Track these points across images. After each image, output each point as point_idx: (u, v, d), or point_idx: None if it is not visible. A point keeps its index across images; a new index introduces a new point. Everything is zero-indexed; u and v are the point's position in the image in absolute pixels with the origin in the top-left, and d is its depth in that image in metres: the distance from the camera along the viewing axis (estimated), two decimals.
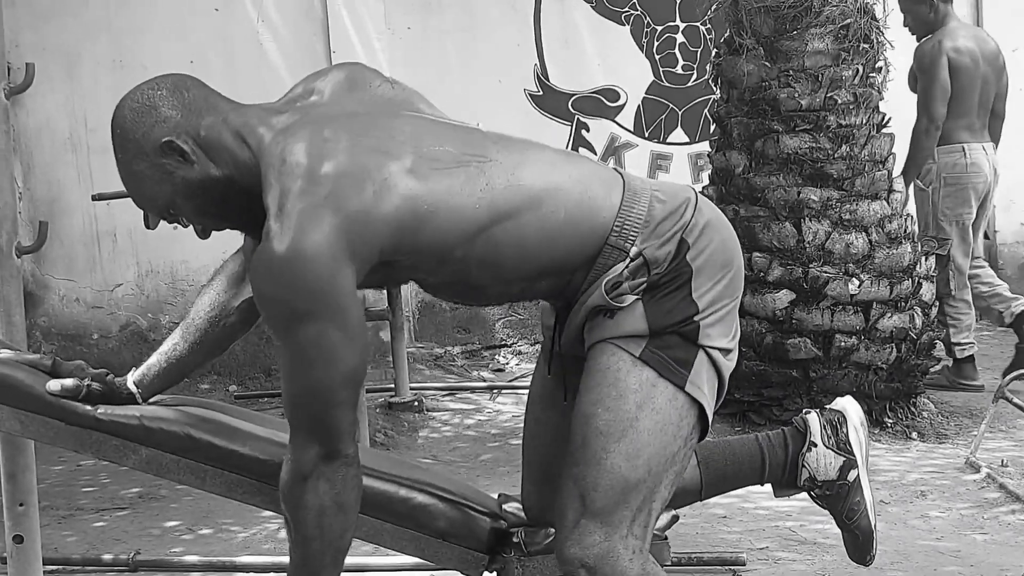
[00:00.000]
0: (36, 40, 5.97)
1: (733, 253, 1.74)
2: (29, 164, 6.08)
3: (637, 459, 1.64)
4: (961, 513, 3.41)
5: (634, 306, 1.66)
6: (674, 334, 1.66)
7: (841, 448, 2.05)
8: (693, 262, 1.67)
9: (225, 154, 1.65)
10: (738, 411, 4.44)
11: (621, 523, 1.65)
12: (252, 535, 3.41)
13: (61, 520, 3.67)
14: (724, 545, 3.17)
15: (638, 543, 1.66)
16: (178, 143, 1.63)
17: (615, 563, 1.64)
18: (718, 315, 1.69)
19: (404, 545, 1.87)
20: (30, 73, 2.25)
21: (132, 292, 6.16)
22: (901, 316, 4.40)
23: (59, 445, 1.83)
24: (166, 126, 1.64)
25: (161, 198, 1.67)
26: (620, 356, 1.66)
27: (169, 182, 1.65)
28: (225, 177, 1.65)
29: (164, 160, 1.64)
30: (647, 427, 1.64)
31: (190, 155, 1.64)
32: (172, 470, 1.81)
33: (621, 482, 1.64)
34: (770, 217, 4.48)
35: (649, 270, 1.65)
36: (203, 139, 1.64)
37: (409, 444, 4.55)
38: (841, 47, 4.51)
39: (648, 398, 1.64)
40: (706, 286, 1.68)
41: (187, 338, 1.86)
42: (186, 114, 1.65)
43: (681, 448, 1.68)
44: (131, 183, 1.69)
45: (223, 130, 1.65)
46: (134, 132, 1.65)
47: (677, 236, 1.67)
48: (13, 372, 1.79)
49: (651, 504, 1.67)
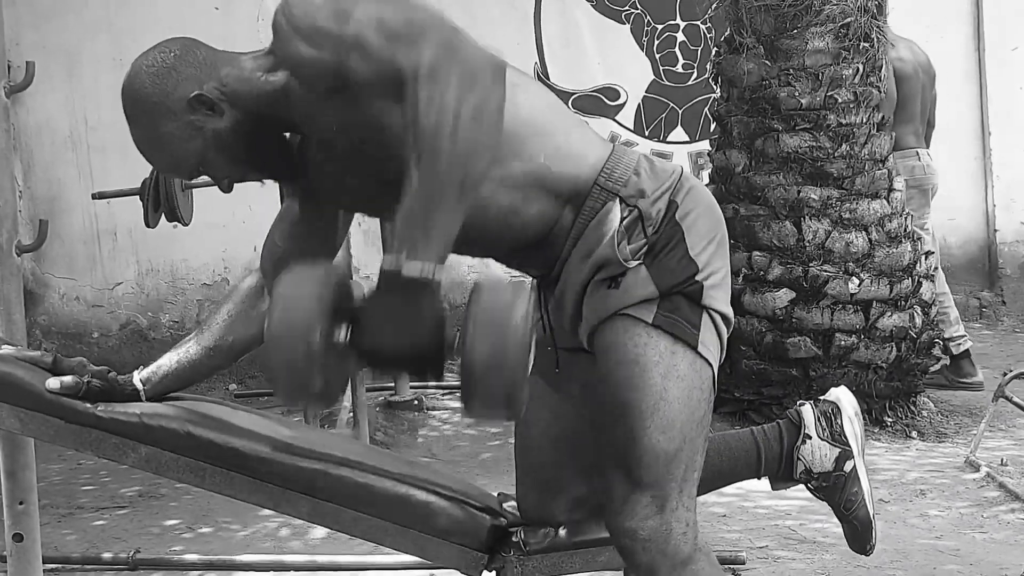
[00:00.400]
0: (36, 38, 5.97)
1: (718, 217, 1.74)
2: (29, 162, 6.08)
3: (672, 430, 1.65)
4: (961, 512, 3.42)
5: (637, 271, 1.66)
6: (679, 295, 1.66)
7: (836, 439, 2.06)
8: (683, 221, 1.67)
9: (247, 93, 1.66)
10: (738, 410, 4.44)
11: (670, 496, 1.66)
12: (252, 533, 3.41)
13: (61, 518, 3.67)
14: (724, 544, 3.17)
15: (689, 515, 1.68)
16: (206, 95, 1.65)
17: (668, 536, 1.65)
18: (716, 278, 1.69)
19: (403, 544, 1.87)
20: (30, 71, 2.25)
21: (132, 291, 6.16)
22: (901, 315, 4.40)
23: (59, 443, 1.83)
24: (189, 83, 1.65)
25: (192, 156, 1.68)
26: (634, 329, 1.65)
27: (200, 137, 1.66)
28: (251, 116, 1.66)
29: (193, 116, 1.65)
30: (676, 396, 1.65)
31: (219, 105, 1.65)
32: (172, 468, 1.81)
33: (662, 455, 1.65)
34: (770, 216, 4.48)
35: (645, 229, 1.65)
36: (226, 87, 1.66)
37: (409, 443, 4.55)
38: (841, 46, 4.51)
39: (671, 367, 1.65)
40: (700, 245, 1.68)
41: (201, 343, 1.86)
42: (204, 68, 1.67)
43: (707, 411, 1.70)
44: (158, 148, 1.69)
45: (240, 72, 1.67)
46: (157, 95, 1.65)
47: (666, 196, 1.68)
48: (13, 370, 1.79)
49: (692, 473, 1.69)
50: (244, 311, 1.86)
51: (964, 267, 6.75)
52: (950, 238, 6.74)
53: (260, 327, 1.85)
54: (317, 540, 3.31)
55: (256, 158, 1.70)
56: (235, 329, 1.86)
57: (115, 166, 5.92)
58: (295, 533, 3.38)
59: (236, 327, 1.86)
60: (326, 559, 3.08)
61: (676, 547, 1.66)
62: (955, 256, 6.74)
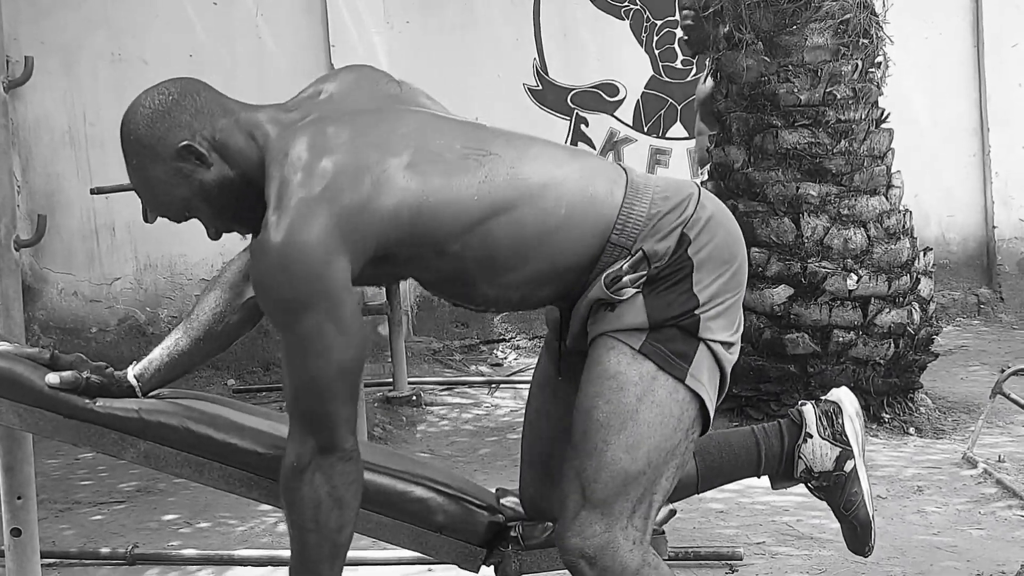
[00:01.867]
0: (35, 34, 5.96)
1: (736, 248, 1.73)
2: (28, 158, 6.07)
3: (637, 451, 1.64)
4: (958, 508, 3.42)
5: (634, 299, 1.66)
6: (674, 327, 1.66)
7: (837, 439, 2.05)
8: (694, 256, 1.67)
9: (238, 154, 1.67)
10: (736, 406, 4.44)
11: (621, 514, 1.65)
12: (250, 529, 3.42)
13: (59, 513, 3.68)
14: (721, 540, 3.17)
15: (638, 534, 1.67)
16: (195, 146, 1.65)
17: (615, 554, 1.65)
18: (720, 309, 1.69)
19: (402, 539, 1.87)
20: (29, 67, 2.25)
21: (130, 286, 6.16)
22: (899, 311, 4.40)
23: (57, 438, 1.83)
24: (182, 131, 1.65)
25: (178, 202, 1.69)
26: (620, 349, 1.66)
27: (187, 185, 1.67)
28: (239, 176, 1.67)
29: (181, 164, 1.65)
30: (647, 419, 1.64)
31: (207, 157, 1.65)
32: (170, 463, 1.81)
33: (621, 474, 1.64)
34: (769, 212, 4.48)
35: (649, 264, 1.65)
36: (218, 141, 1.66)
37: (407, 438, 4.56)
38: (840, 42, 4.51)
39: (648, 391, 1.65)
40: (707, 280, 1.67)
41: (190, 334, 1.86)
42: (200, 117, 1.66)
43: (682, 441, 1.68)
44: (146, 189, 1.70)
45: (235, 130, 1.67)
46: (149, 138, 1.66)
47: (678, 231, 1.67)
48: (12, 365, 1.79)
49: (651, 496, 1.67)
50: (232, 299, 1.86)
51: (962, 264, 6.75)
52: (948, 234, 6.75)
53: (249, 314, 1.85)
54: None
55: (242, 215, 1.70)
56: (224, 317, 1.86)
57: (113, 161, 5.90)
58: None
59: (225, 315, 1.86)
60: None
61: (623, 564, 1.66)
62: (953, 253, 6.74)
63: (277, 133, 1.65)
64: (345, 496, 1.62)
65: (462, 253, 1.64)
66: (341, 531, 1.64)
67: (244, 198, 1.68)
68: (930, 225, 6.59)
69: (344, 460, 1.61)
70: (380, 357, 5.82)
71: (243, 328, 1.89)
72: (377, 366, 5.66)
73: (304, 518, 1.61)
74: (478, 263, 1.66)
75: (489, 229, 1.62)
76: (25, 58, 2.21)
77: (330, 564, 1.66)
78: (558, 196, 1.66)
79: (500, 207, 1.62)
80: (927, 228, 6.46)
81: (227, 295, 1.87)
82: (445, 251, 1.63)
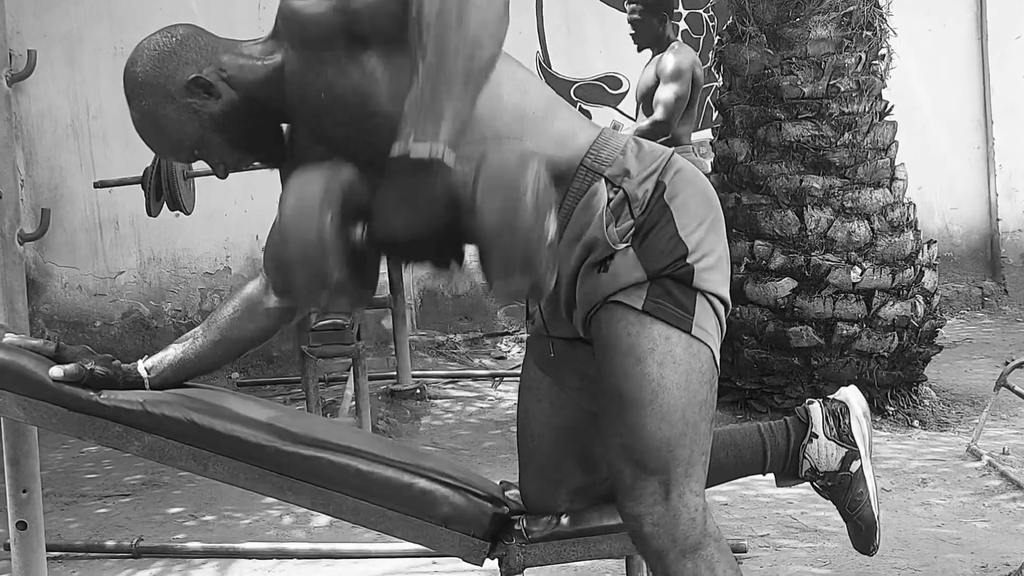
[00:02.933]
0: (38, 27, 5.96)
1: (711, 199, 1.72)
2: (31, 151, 6.08)
3: (673, 416, 1.64)
4: (962, 500, 3.42)
5: (625, 254, 1.65)
6: (670, 278, 1.65)
7: (843, 439, 2.04)
8: (671, 202, 1.66)
9: (244, 78, 1.68)
10: (739, 399, 4.44)
11: (677, 481, 1.66)
12: (255, 521, 3.42)
13: (64, 507, 3.68)
14: (725, 532, 3.16)
15: (697, 500, 1.68)
16: (204, 78, 1.67)
17: (676, 522, 1.66)
18: (710, 261, 1.67)
19: (406, 532, 1.87)
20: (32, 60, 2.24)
21: (134, 279, 6.16)
22: (903, 304, 4.40)
23: (62, 431, 1.83)
24: (189, 67, 1.67)
25: (189, 139, 1.70)
26: (626, 318, 1.64)
27: (197, 120, 1.68)
28: (247, 100, 1.68)
29: (191, 99, 1.67)
30: (674, 382, 1.64)
31: (215, 88, 1.67)
32: (175, 456, 1.81)
33: (665, 443, 1.65)
34: (772, 205, 4.47)
35: (632, 210, 1.64)
36: (224, 72, 1.68)
37: (411, 431, 4.56)
38: (844, 34, 4.50)
39: (666, 353, 1.64)
40: (691, 226, 1.66)
41: (208, 336, 1.87)
42: (205, 53, 1.69)
43: (708, 393, 1.69)
44: (156, 130, 1.70)
45: (240, 59, 1.69)
46: (157, 78, 1.67)
47: (654, 176, 1.66)
48: (16, 358, 1.79)
49: (699, 455, 1.69)
50: (252, 307, 1.86)
51: (967, 256, 6.74)
52: (952, 227, 6.74)
53: (267, 323, 1.86)
54: (320, 528, 3.32)
55: (251, 142, 1.72)
56: (242, 324, 1.86)
57: (117, 155, 5.92)
58: (297, 521, 3.39)
59: (243, 321, 1.86)
60: (328, 547, 3.09)
61: (684, 533, 1.66)
62: (957, 245, 6.73)
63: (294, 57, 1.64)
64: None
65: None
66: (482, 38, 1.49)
67: (254, 123, 1.70)
68: (934, 218, 6.58)
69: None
70: (384, 350, 5.83)
71: (259, 337, 1.89)
72: (381, 359, 5.67)
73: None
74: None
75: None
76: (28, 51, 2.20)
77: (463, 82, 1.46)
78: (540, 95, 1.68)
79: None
80: (931, 221, 6.45)
81: (245, 305, 1.87)
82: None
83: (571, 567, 2.84)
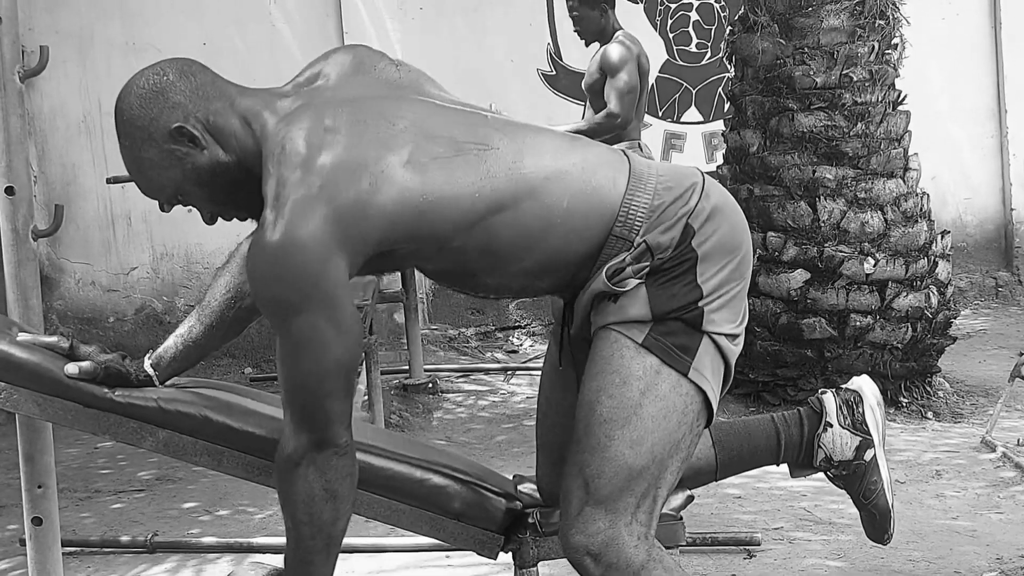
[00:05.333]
0: (50, 23, 5.97)
1: (741, 238, 1.71)
2: (44, 147, 6.10)
3: (641, 446, 1.63)
4: (976, 492, 3.41)
5: (637, 291, 1.64)
6: (677, 320, 1.64)
7: (857, 428, 2.04)
8: (699, 248, 1.65)
9: (233, 139, 1.65)
10: (752, 391, 4.43)
11: (626, 510, 1.64)
12: (269, 516, 3.43)
13: (79, 502, 3.70)
14: (739, 525, 3.17)
15: (643, 529, 1.65)
16: (188, 128, 1.63)
17: (620, 550, 1.64)
18: (723, 299, 1.67)
19: (420, 526, 1.87)
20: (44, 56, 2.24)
21: (147, 275, 6.18)
22: (917, 295, 4.38)
23: (77, 428, 1.84)
24: (175, 112, 1.63)
25: (170, 185, 1.67)
26: (623, 343, 1.64)
27: (179, 168, 1.65)
28: (234, 162, 1.65)
29: (174, 146, 1.63)
30: (651, 414, 1.63)
31: (200, 140, 1.63)
32: (189, 452, 1.82)
33: (625, 469, 1.63)
34: (785, 196, 4.46)
35: (652, 255, 1.64)
36: (212, 124, 1.64)
37: (424, 426, 4.56)
38: (856, 24, 4.48)
39: (652, 385, 1.63)
40: (711, 271, 1.65)
41: (203, 320, 1.86)
42: (195, 99, 1.64)
43: (686, 435, 1.67)
44: (138, 170, 1.68)
45: (230, 115, 1.65)
46: (142, 119, 1.63)
47: (682, 222, 1.65)
48: (31, 355, 1.80)
49: (656, 491, 1.66)
50: (242, 282, 1.84)
51: (980, 246, 6.71)
52: (966, 217, 6.70)
53: None
54: None
55: (235, 200, 1.69)
56: (235, 303, 1.85)
57: None
58: None
59: (236, 300, 1.85)
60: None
61: (628, 560, 1.64)
62: (971, 235, 6.70)
63: (274, 123, 1.62)
64: (339, 490, 1.61)
65: (464, 247, 1.62)
66: (335, 524, 1.64)
67: (239, 183, 1.66)
68: (947, 208, 6.55)
69: (339, 455, 1.60)
70: (396, 345, 5.83)
71: (256, 312, 1.88)
72: (393, 353, 5.67)
73: (298, 511, 1.62)
74: (479, 257, 1.64)
75: (490, 224, 1.61)
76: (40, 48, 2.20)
77: (324, 556, 1.66)
78: (560, 190, 1.64)
79: (502, 203, 1.61)
80: (944, 211, 6.42)
81: (238, 279, 1.85)
82: (446, 247, 1.62)
83: None
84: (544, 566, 1.92)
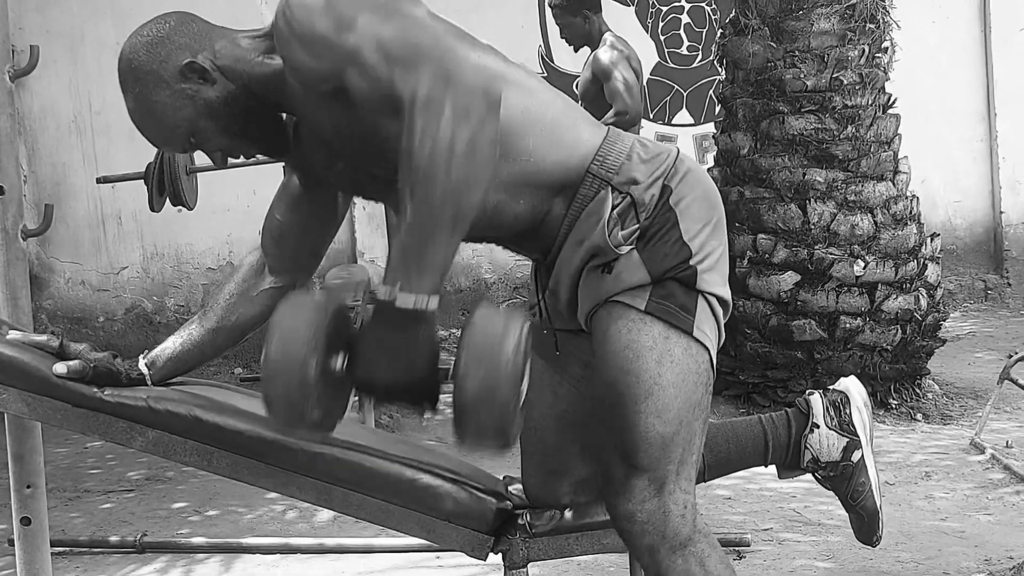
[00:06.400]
0: (40, 22, 5.96)
1: (715, 200, 1.73)
2: (34, 147, 6.08)
3: (668, 413, 1.65)
4: (966, 494, 3.42)
5: (630, 256, 1.65)
6: (673, 280, 1.66)
7: (844, 429, 2.05)
8: (676, 207, 1.67)
9: (242, 71, 1.67)
10: (743, 393, 4.44)
11: (667, 478, 1.66)
12: (258, 516, 3.43)
13: (68, 502, 3.69)
14: (729, 526, 3.17)
15: (687, 497, 1.68)
16: (199, 63, 1.66)
17: (667, 518, 1.66)
18: (711, 260, 1.69)
19: (410, 526, 1.87)
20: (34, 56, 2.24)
21: (137, 275, 6.17)
22: (906, 297, 4.40)
23: (66, 427, 1.83)
24: (183, 52, 1.66)
25: (183, 125, 1.68)
26: (627, 315, 1.65)
27: (191, 106, 1.67)
28: (244, 91, 1.67)
29: (185, 85, 1.66)
30: (670, 381, 1.65)
31: (211, 73, 1.66)
32: (179, 451, 1.82)
33: (659, 439, 1.65)
34: (775, 198, 4.47)
35: (638, 215, 1.64)
36: (219, 58, 1.68)
37: (414, 426, 4.56)
38: (847, 27, 4.49)
39: (665, 352, 1.65)
40: (694, 229, 1.67)
41: (204, 325, 1.87)
42: (199, 39, 1.68)
43: (704, 395, 1.70)
44: (150, 117, 1.69)
45: (236, 49, 1.69)
46: (151, 63, 1.66)
47: (659, 181, 1.67)
48: (20, 354, 1.79)
49: (690, 455, 1.69)
50: (246, 290, 1.87)
51: (970, 249, 6.74)
52: (955, 220, 6.73)
53: (262, 306, 1.86)
54: (323, 523, 3.33)
55: (248, 131, 1.71)
56: (237, 309, 1.87)
57: (119, 150, 5.92)
58: (301, 516, 3.40)
59: (239, 307, 1.87)
60: (332, 542, 3.09)
61: (675, 529, 1.67)
62: (961, 238, 6.73)
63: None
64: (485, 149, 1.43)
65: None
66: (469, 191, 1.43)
67: (251, 111, 1.68)
68: (937, 210, 6.58)
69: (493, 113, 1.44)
70: None
71: (257, 322, 1.89)
72: None
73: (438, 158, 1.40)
74: None
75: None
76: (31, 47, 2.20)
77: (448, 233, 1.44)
78: (544, 104, 1.67)
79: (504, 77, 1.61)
80: (934, 214, 6.45)
81: (242, 287, 1.87)
82: None
83: (574, 561, 2.85)
84: (534, 567, 1.92)
